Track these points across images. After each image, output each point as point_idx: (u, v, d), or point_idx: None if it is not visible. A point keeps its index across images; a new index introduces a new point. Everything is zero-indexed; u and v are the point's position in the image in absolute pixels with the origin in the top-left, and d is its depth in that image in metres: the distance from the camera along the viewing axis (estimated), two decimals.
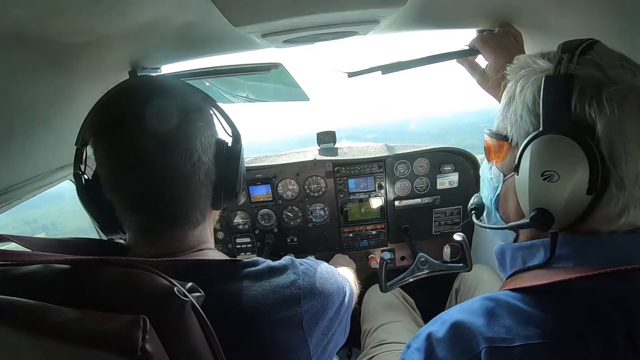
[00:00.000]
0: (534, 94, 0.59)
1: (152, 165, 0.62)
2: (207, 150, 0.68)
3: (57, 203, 3.55)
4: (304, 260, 0.79)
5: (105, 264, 0.53)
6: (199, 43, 1.14)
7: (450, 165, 1.77)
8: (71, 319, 0.45)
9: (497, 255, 0.74)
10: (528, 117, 0.60)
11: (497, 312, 0.57)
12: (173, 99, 0.66)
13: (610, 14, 0.88)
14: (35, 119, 0.94)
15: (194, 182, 0.66)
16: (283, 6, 0.84)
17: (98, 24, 0.84)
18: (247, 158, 1.79)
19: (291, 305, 0.67)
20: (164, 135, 0.62)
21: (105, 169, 0.65)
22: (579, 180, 0.54)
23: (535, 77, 0.60)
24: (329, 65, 1.23)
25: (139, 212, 0.65)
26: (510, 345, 0.52)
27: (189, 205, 0.67)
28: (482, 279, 1.59)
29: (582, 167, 0.54)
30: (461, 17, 1.11)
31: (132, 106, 0.63)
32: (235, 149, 0.74)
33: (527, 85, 0.60)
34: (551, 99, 0.56)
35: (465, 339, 0.56)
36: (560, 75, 0.56)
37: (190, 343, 0.50)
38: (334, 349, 0.80)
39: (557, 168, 0.56)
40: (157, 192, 0.64)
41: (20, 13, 0.68)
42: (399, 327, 1.49)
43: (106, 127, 0.63)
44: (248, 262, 0.69)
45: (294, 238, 1.86)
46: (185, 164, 0.64)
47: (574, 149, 0.54)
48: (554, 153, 0.56)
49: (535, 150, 0.58)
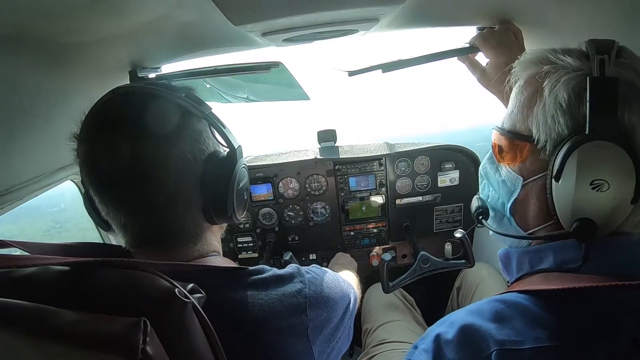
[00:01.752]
0: (569, 94, 0.55)
1: (127, 195, 0.62)
2: (189, 171, 0.64)
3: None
4: (310, 268, 0.78)
5: (105, 265, 0.52)
6: (199, 42, 1.13)
7: (451, 162, 1.77)
8: (71, 322, 0.45)
9: (502, 259, 0.73)
10: (562, 119, 0.56)
11: (507, 314, 0.56)
12: (148, 119, 0.62)
13: (609, 10, 0.88)
14: (36, 119, 0.94)
15: (179, 199, 0.64)
16: (283, 5, 0.84)
17: (98, 24, 0.84)
18: (247, 157, 1.79)
19: (297, 314, 0.67)
20: (137, 163, 0.61)
21: (91, 186, 0.65)
22: (628, 189, 0.53)
23: (568, 77, 0.56)
24: (330, 64, 1.22)
25: (129, 232, 0.66)
26: (521, 348, 0.52)
27: (178, 223, 0.66)
28: (483, 277, 1.59)
29: (631, 176, 0.53)
30: (461, 14, 1.11)
31: (104, 136, 0.62)
32: (226, 166, 0.69)
33: (560, 84, 0.56)
34: (599, 102, 0.53)
35: (475, 342, 0.55)
36: (608, 78, 0.53)
37: (191, 344, 0.49)
38: (337, 355, 0.80)
39: (607, 177, 0.53)
40: (138, 217, 0.64)
41: (20, 13, 0.68)
42: (399, 326, 1.49)
43: (84, 157, 0.63)
44: (254, 269, 0.68)
45: (295, 237, 1.86)
46: (166, 182, 0.62)
47: (624, 158, 0.52)
48: (605, 161, 0.54)
49: (582, 157, 0.54)
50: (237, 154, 0.70)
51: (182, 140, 0.64)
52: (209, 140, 0.69)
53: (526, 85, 0.62)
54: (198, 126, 0.68)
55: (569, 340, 0.52)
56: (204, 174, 0.66)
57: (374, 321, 1.54)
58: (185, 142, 0.65)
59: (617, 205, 0.54)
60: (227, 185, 0.68)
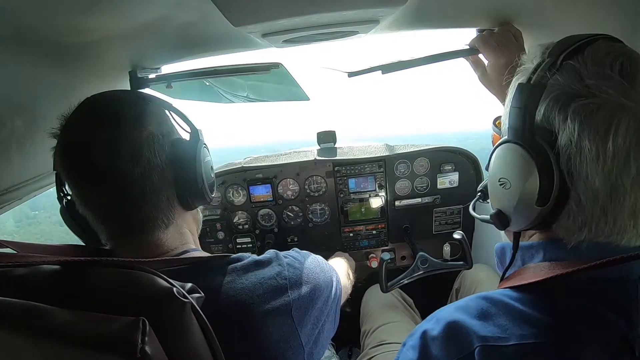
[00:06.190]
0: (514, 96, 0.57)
1: (104, 176, 0.65)
2: (159, 152, 0.68)
3: None
4: (288, 252, 0.81)
5: (99, 264, 0.53)
6: (198, 43, 1.13)
7: (450, 164, 1.77)
8: (70, 321, 0.45)
9: (497, 253, 0.73)
10: (506, 119, 0.59)
11: (492, 311, 0.57)
12: (116, 110, 0.68)
13: (610, 10, 0.88)
14: (36, 119, 0.94)
15: (149, 186, 0.67)
16: (283, 6, 0.84)
17: (98, 24, 0.84)
18: (247, 158, 1.79)
19: (279, 296, 0.69)
20: (109, 145, 0.64)
21: (72, 188, 0.69)
22: (529, 191, 0.54)
23: (521, 79, 0.58)
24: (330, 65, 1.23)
25: (108, 222, 0.68)
26: (505, 344, 0.52)
27: (151, 209, 0.69)
28: (482, 278, 1.59)
29: (532, 180, 0.53)
30: (461, 16, 1.11)
31: (79, 125, 0.67)
32: (190, 147, 0.73)
33: (511, 86, 0.60)
34: (517, 107, 0.54)
35: (459, 338, 0.56)
36: (530, 85, 0.54)
37: (190, 344, 0.50)
38: (325, 340, 0.81)
39: (509, 176, 0.57)
40: (117, 201, 0.66)
41: (20, 13, 0.68)
42: (398, 327, 1.48)
43: (63, 150, 0.67)
44: (233, 257, 0.71)
45: (295, 238, 1.86)
46: (133, 170, 0.65)
47: (526, 161, 0.53)
48: (508, 162, 0.57)
49: (496, 154, 0.60)
50: (199, 134, 0.76)
51: (150, 128, 0.69)
52: (171, 127, 0.75)
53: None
54: (165, 115, 0.75)
55: (556, 338, 0.52)
56: (173, 153, 0.71)
57: (373, 322, 1.54)
58: (154, 129, 0.69)
59: (520, 204, 0.56)
60: (193, 163, 0.73)
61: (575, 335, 0.52)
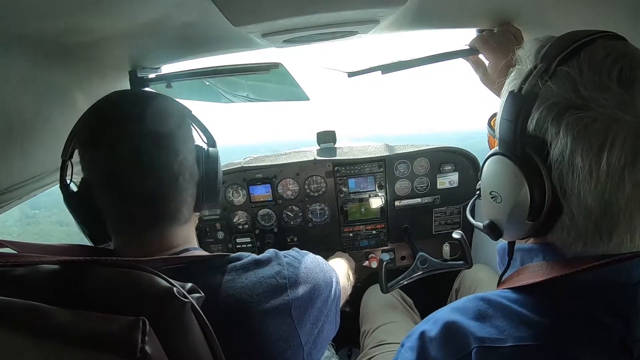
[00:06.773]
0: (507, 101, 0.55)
1: (149, 162, 0.67)
2: (191, 152, 0.74)
3: None
4: (288, 252, 0.81)
5: (99, 264, 0.53)
6: (198, 43, 1.14)
7: (450, 164, 1.77)
8: (71, 321, 0.45)
9: (500, 253, 0.73)
10: (497, 128, 0.57)
11: (490, 312, 0.57)
12: (163, 105, 0.73)
13: (611, 9, 0.87)
14: (36, 119, 0.94)
15: (182, 181, 0.71)
16: (283, 6, 0.84)
17: (98, 24, 0.84)
18: (247, 158, 1.79)
19: (278, 295, 0.69)
20: (158, 135, 0.68)
21: (101, 172, 0.68)
22: (520, 206, 0.53)
23: (512, 85, 0.55)
24: (330, 65, 1.23)
25: (132, 206, 0.68)
26: (502, 346, 0.52)
27: (179, 202, 0.72)
28: (482, 278, 1.59)
29: (523, 194, 0.52)
30: (461, 16, 1.11)
31: (128, 110, 0.69)
32: (212, 153, 0.79)
33: (503, 92, 0.57)
34: (507, 119, 0.52)
35: (457, 339, 0.56)
36: (522, 95, 0.51)
37: (190, 344, 0.50)
38: (325, 340, 0.81)
39: (499, 191, 0.56)
40: (153, 187, 0.68)
41: (20, 13, 0.68)
42: (397, 327, 1.48)
43: (104, 130, 0.67)
44: (233, 257, 0.71)
45: (294, 238, 1.86)
46: (174, 163, 0.69)
47: (517, 176, 0.52)
48: (499, 175, 0.56)
49: (487, 166, 0.59)
50: (215, 145, 0.82)
51: (186, 129, 0.75)
52: (192, 135, 0.79)
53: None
54: (188, 121, 0.79)
55: (553, 340, 0.51)
56: (198, 156, 0.76)
57: (373, 322, 1.54)
58: (187, 131, 0.76)
59: (512, 218, 0.55)
60: (216, 168, 0.79)
61: (573, 337, 0.51)
